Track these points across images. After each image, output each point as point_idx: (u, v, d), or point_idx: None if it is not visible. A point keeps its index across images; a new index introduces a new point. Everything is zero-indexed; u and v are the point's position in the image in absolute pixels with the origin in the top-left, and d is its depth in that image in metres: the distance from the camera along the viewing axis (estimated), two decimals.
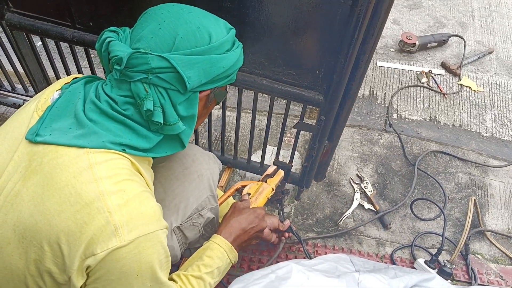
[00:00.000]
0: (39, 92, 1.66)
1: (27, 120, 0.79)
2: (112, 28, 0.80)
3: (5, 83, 1.83)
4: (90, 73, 1.52)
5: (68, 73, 1.52)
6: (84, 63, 2.07)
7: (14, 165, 0.75)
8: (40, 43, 1.46)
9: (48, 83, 1.63)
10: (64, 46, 1.39)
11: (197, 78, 0.76)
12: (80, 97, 0.78)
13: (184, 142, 0.85)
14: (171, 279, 0.95)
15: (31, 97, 1.80)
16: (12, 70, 1.71)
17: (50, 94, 0.84)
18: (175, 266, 1.38)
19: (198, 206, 1.10)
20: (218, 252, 1.03)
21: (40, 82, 1.62)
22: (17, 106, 1.82)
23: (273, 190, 1.34)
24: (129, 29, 0.82)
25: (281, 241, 1.37)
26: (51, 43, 1.41)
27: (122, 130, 0.77)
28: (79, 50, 1.74)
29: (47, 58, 1.49)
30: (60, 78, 1.59)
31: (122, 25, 1.19)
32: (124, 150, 0.77)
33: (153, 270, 0.75)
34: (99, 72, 1.58)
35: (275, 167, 1.41)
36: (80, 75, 0.92)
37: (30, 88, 1.81)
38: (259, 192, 1.30)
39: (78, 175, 0.71)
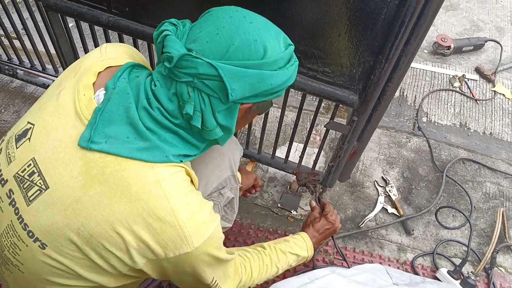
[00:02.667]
0: None
1: (70, 121, 0.78)
2: (173, 20, 0.78)
3: (36, 62, 1.85)
4: None
5: None
6: None
7: (66, 168, 0.75)
8: (73, 23, 1.46)
9: None
10: (98, 28, 1.38)
11: (241, 91, 0.75)
12: (130, 100, 0.77)
13: (221, 144, 0.87)
14: (260, 246, 1.16)
15: None
16: (44, 50, 1.72)
17: (88, 90, 0.80)
18: None
19: (219, 185, 1.11)
20: (302, 243, 1.22)
21: (71, 62, 1.62)
22: (46, 86, 1.83)
23: None
24: (189, 23, 0.80)
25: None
26: (84, 25, 1.41)
27: (177, 140, 0.80)
28: (112, 33, 1.74)
29: (79, 40, 1.49)
30: None
31: (159, 12, 1.19)
32: (181, 161, 0.80)
33: (216, 256, 0.84)
34: None
35: None
36: (111, 60, 0.86)
37: (61, 69, 1.82)
38: None
39: (148, 191, 0.74)
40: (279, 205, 1.63)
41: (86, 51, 1.53)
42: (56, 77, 1.84)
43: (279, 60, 0.77)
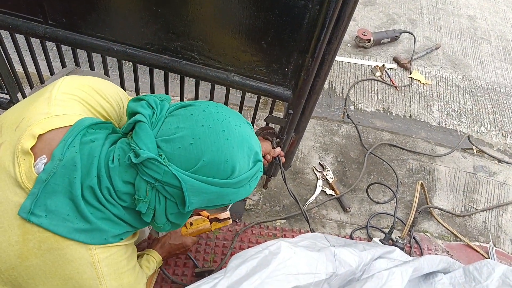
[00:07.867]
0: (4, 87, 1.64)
1: (11, 186, 0.74)
2: (152, 101, 0.77)
3: None
4: (60, 67, 1.53)
5: (37, 69, 1.52)
6: (53, 52, 2.05)
7: (5, 234, 0.74)
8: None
9: (15, 77, 1.61)
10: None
11: (198, 204, 0.76)
12: (76, 175, 0.74)
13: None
14: None
15: None
16: None
17: (27, 156, 0.75)
18: None
19: None
20: (154, 264, 1.21)
21: (6, 76, 1.60)
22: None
23: (210, 231, 1.40)
24: (168, 104, 0.79)
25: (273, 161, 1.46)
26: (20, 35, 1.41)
27: (119, 221, 0.79)
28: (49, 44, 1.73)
29: (14, 50, 1.47)
30: (28, 72, 1.59)
31: (96, 22, 1.22)
32: (121, 239, 0.81)
33: None
34: (69, 63, 1.58)
35: (227, 213, 1.41)
36: (57, 119, 0.78)
37: None
38: (198, 227, 1.38)
39: (82, 272, 0.75)
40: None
41: (22, 63, 1.52)
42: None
43: (244, 180, 0.78)
